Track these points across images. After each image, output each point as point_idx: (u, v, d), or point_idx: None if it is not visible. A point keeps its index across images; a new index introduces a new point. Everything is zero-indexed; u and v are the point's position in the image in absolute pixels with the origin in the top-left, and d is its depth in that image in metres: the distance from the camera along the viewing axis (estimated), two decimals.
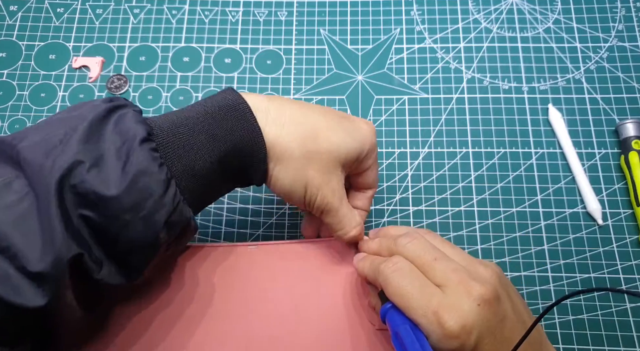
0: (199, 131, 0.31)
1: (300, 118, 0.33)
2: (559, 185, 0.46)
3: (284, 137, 0.33)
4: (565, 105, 0.50)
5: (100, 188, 0.27)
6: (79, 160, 0.27)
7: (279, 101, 0.34)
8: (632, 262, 0.43)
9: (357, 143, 0.34)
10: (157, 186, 0.28)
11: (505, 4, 0.55)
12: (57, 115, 0.31)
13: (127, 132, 0.29)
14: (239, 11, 0.55)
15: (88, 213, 0.27)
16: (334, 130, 0.34)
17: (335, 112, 0.36)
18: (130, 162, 0.28)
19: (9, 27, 0.55)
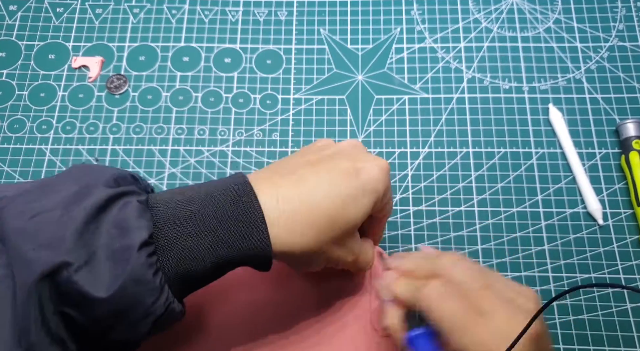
0: (205, 235, 0.28)
1: (310, 216, 0.30)
2: (560, 185, 0.46)
3: (297, 243, 0.30)
4: (566, 105, 0.50)
5: (87, 289, 0.25)
6: (67, 261, 0.25)
7: (288, 201, 0.30)
8: (632, 262, 0.43)
9: (369, 203, 0.32)
10: (149, 294, 0.26)
11: (505, 3, 0.55)
12: (55, 180, 0.28)
13: (127, 229, 0.26)
14: (238, 11, 0.55)
15: (70, 312, 0.25)
16: (347, 207, 0.31)
17: (342, 168, 0.32)
18: (125, 267, 0.25)
19: (8, 27, 0.55)
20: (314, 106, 0.50)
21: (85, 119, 0.50)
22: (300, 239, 0.30)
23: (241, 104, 0.51)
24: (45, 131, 0.50)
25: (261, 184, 0.30)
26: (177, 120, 0.50)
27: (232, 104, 0.51)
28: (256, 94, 0.51)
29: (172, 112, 0.50)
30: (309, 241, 0.30)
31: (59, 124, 0.50)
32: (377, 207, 0.33)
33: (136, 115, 0.50)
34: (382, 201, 0.34)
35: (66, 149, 0.49)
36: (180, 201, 0.29)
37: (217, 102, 0.51)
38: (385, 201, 0.34)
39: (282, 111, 0.50)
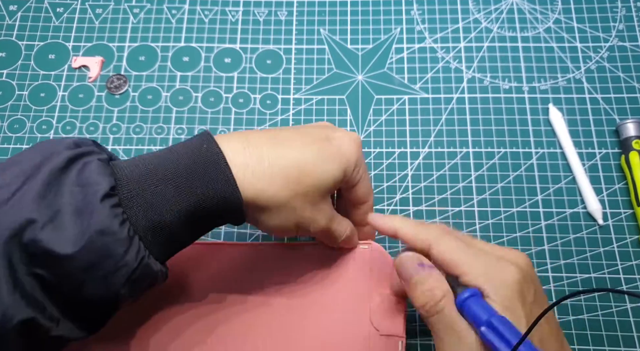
0: (168, 183, 0.29)
1: (280, 161, 0.31)
2: (560, 185, 0.46)
3: (266, 190, 0.30)
4: (566, 105, 0.50)
5: (54, 246, 0.25)
6: (31, 219, 0.25)
7: (256, 146, 0.31)
8: (632, 262, 0.43)
9: (341, 166, 0.33)
10: (118, 245, 0.26)
11: (505, 3, 0.55)
12: (17, 156, 0.29)
13: (88, 185, 0.27)
14: (238, 11, 0.55)
15: (41, 272, 0.26)
16: (316, 162, 0.32)
17: (315, 134, 0.34)
18: (89, 220, 0.26)
19: (8, 27, 0.55)
20: (314, 106, 0.50)
21: (85, 119, 0.50)
22: (268, 186, 0.30)
23: (241, 104, 0.51)
24: (45, 131, 0.50)
25: (230, 135, 0.32)
26: (177, 120, 0.50)
27: (232, 104, 0.51)
28: (256, 94, 0.51)
29: (172, 112, 0.50)
30: (277, 190, 0.30)
31: (59, 124, 0.50)
32: (349, 179, 0.34)
33: (136, 115, 0.50)
34: (355, 172, 0.34)
35: None
36: (142, 158, 0.30)
37: (217, 102, 0.51)
38: (358, 175, 0.35)
39: (282, 111, 0.50)
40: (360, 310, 0.36)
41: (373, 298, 0.37)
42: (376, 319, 0.36)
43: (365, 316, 0.36)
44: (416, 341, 0.41)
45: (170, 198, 0.28)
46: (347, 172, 0.34)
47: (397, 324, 0.36)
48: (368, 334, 0.36)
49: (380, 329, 0.36)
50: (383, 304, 0.36)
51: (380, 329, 0.36)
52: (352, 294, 0.37)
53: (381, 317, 0.36)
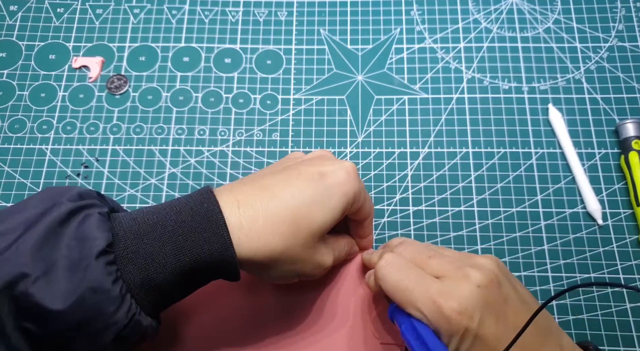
0: (165, 243, 0.28)
1: (273, 217, 0.30)
2: (559, 185, 0.46)
3: (261, 249, 0.30)
4: (565, 105, 0.50)
5: (44, 301, 0.25)
6: (24, 273, 0.25)
7: (248, 204, 0.30)
8: (632, 262, 0.43)
9: (339, 205, 0.32)
10: (109, 303, 0.26)
11: (505, 4, 0.55)
12: (22, 204, 0.29)
13: (85, 239, 0.26)
14: (238, 11, 0.55)
15: (30, 326, 0.25)
16: (312, 210, 0.31)
17: (306, 175, 0.32)
18: (83, 276, 0.26)
19: (9, 27, 0.55)
20: (314, 106, 0.50)
21: (85, 119, 0.50)
22: (263, 243, 0.29)
23: (241, 104, 0.51)
24: (45, 131, 0.50)
25: (222, 192, 0.31)
26: (178, 120, 0.50)
27: (232, 104, 0.51)
28: (256, 94, 0.51)
29: (173, 113, 0.50)
30: (273, 248, 0.30)
31: (59, 124, 0.50)
32: (351, 210, 0.33)
33: (136, 115, 0.50)
34: (355, 204, 0.33)
35: (67, 150, 0.49)
36: (142, 212, 0.30)
37: (217, 102, 0.51)
38: (359, 204, 0.34)
39: (282, 111, 0.50)
40: (361, 319, 0.36)
41: (374, 306, 0.37)
42: (377, 328, 0.36)
43: (365, 325, 0.36)
44: None
45: (166, 258, 0.28)
46: (347, 208, 0.33)
47: (397, 333, 0.36)
48: (368, 342, 0.35)
49: (381, 338, 0.36)
50: (384, 312, 0.36)
51: (380, 338, 0.36)
52: (352, 302, 0.37)
53: (382, 325, 0.36)
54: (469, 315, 0.28)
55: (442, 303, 0.28)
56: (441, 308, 0.28)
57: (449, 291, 0.29)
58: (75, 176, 0.48)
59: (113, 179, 0.48)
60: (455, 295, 0.28)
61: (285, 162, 0.35)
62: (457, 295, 0.28)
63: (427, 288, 0.29)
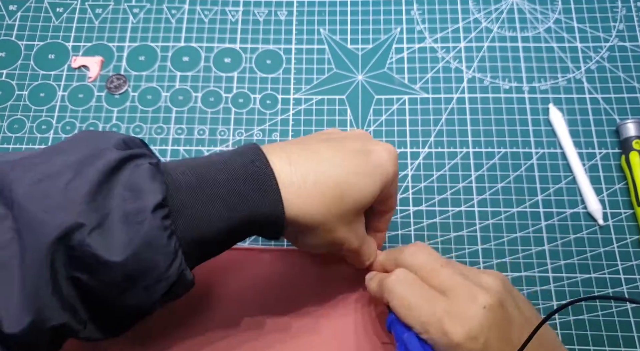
0: (217, 200, 0.28)
1: (322, 180, 0.30)
2: (560, 185, 0.46)
3: (307, 210, 0.30)
4: (566, 105, 0.49)
5: (101, 252, 0.24)
6: (80, 222, 0.24)
7: (300, 164, 0.30)
8: (632, 262, 0.43)
9: (380, 183, 0.32)
10: (164, 258, 0.26)
11: (505, 3, 0.54)
12: (62, 144, 0.28)
13: (140, 191, 0.26)
14: (238, 11, 0.55)
15: (82, 276, 0.25)
16: (357, 180, 0.31)
17: (353, 148, 0.32)
18: (139, 229, 0.25)
19: (8, 27, 0.54)
20: (313, 106, 0.50)
21: (85, 119, 0.50)
22: (310, 206, 0.30)
23: (241, 104, 0.51)
24: (45, 131, 0.50)
25: (274, 150, 0.31)
26: (177, 120, 0.50)
27: (232, 104, 0.51)
28: (256, 94, 0.51)
29: (172, 112, 0.50)
30: (318, 210, 0.30)
31: (58, 124, 0.50)
32: (384, 193, 0.33)
33: (136, 115, 0.50)
34: (390, 188, 0.34)
35: None
36: (191, 166, 0.29)
37: (217, 102, 0.51)
38: (393, 189, 0.34)
39: (282, 111, 0.50)
40: (363, 318, 0.36)
41: (375, 307, 0.37)
42: (378, 328, 0.36)
43: (367, 325, 0.36)
44: None
45: (218, 215, 0.28)
46: (385, 188, 0.33)
47: None
48: (370, 342, 0.35)
49: (382, 337, 0.36)
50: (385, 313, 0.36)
51: (382, 337, 0.36)
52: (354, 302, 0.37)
53: (382, 325, 0.36)
54: (473, 337, 0.28)
55: (447, 325, 0.28)
56: (446, 331, 0.28)
57: (455, 312, 0.29)
58: None
59: None
60: (462, 317, 0.29)
61: (327, 135, 0.34)
62: (464, 318, 0.29)
63: (434, 307, 0.29)
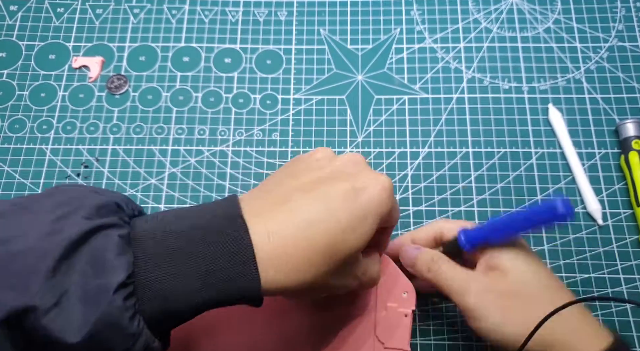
0: (191, 275, 0.26)
1: (308, 246, 0.28)
2: (559, 185, 0.46)
3: (293, 279, 0.28)
4: (566, 105, 0.50)
5: (57, 334, 0.23)
6: (32, 306, 0.23)
7: (279, 234, 0.28)
8: (632, 262, 0.43)
9: (373, 225, 0.30)
10: (124, 340, 0.24)
11: (505, 4, 0.55)
12: (34, 202, 0.26)
13: (103, 268, 0.24)
14: (238, 11, 0.55)
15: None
16: (347, 235, 0.28)
17: (340, 190, 0.29)
18: (98, 309, 0.23)
19: (9, 27, 0.55)
20: (313, 106, 0.50)
21: (85, 119, 0.50)
22: (294, 276, 0.28)
23: (241, 104, 0.51)
24: (45, 131, 0.50)
25: (252, 217, 0.28)
26: (178, 120, 0.50)
27: (232, 104, 0.51)
28: (256, 94, 0.51)
29: (172, 113, 0.50)
30: (304, 277, 0.28)
31: (59, 124, 0.50)
32: (382, 224, 0.31)
33: (136, 115, 0.50)
34: (388, 220, 0.32)
35: (67, 149, 0.49)
36: (166, 232, 0.27)
37: (217, 102, 0.51)
38: (391, 218, 0.32)
39: (282, 111, 0.50)
40: (366, 323, 0.36)
41: (379, 310, 0.37)
42: (381, 332, 0.36)
43: (370, 329, 0.36)
44: (416, 341, 0.41)
45: (190, 291, 0.26)
46: (382, 223, 0.31)
47: (402, 337, 0.35)
48: (373, 347, 0.35)
49: (385, 342, 0.35)
50: (388, 317, 0.36)
51: (385, 342, 0.35)
52: (357, 306, 0.37)
53: (386, 330, 0.36)
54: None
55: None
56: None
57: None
58: (75, 176, 0.48)
59: (113, 179, 0.48)
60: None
61: (314, 172, 0.31)
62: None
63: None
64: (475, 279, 0.34)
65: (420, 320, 0.42)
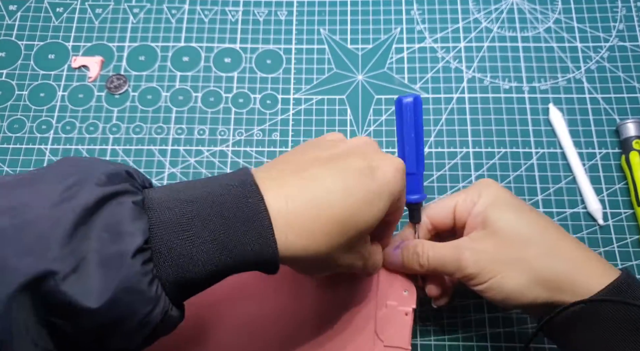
0: (206, 241, 0.26)
1: (324, 214, 0.28)
2: (560, 185, 0.46)
3: (306, 249, 0.28)
4: (566, 105, 0.49)
5: (77, 298, 0.23)
6: (52, 270, 0.22)
7: (297, 200, 0.28)
8: (632, 262, 0.43)
9: (385, 204, 0.30)
10: (144, 304, 0.24)
11: (505, 3, 0.54)
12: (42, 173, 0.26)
13: (119, 234, 0.24)
14: (238, 11, 0.55)
15: (58, 322, 0.23)
16: (361, 208, 0.29)
17: (356, 168, 0.30)
18: (117, 275, 0.23)
19: (8, 27, 0.54)
20: (314, 105, 0.50)
21: (85, 119, 0.50)
22: (309, 243, 0.28)
23: (241, 104, 0.51)
24: (45, 131, 0.50)
25: (268, 183, 0.28)
26: (177, 120, 0.50)
27: (232, 104, 0.51)
28: (256, 94, 0.51)
29: (172, 112, 0.50)
30: (319, 246, 0.28)
31: (58, 124, 0.50)
32: (391, 209, 0.32)
33: (136, 115, 0.50)
34: (397, 204, 0.32)
35: (66, 149, 0.49)
36: (179, 201, 0.27)
37: (217, 102, 0.51)
38: (400, 203, 0.33)
39: (282, 111, 0.50)
40: (366, 321, 0.36)
41: (379, 309, 0.37)
42: (381, 330, 0.36)
43: (370, 327, 0.36)
44: (416, 342, 0.41)
45: (207, 258, 0.26)
46: (392, 206, 0.31)
47: (402, 335, 0.35)
48: (373, 345, 0.35)
49: (386, 340, 0.35)
50: (389, 315, 0.36)
51: (385, 340, 0.35)
52: (358, 304, 0.37)
53: (387, 328, 0.36)
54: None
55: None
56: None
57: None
58: None
59: None
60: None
61: (328, 149, 0.32)
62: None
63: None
64: (465, 247, 0.34)
65: (420, 320, 0.42)
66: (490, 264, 0.33)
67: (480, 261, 0.33)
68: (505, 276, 0.32)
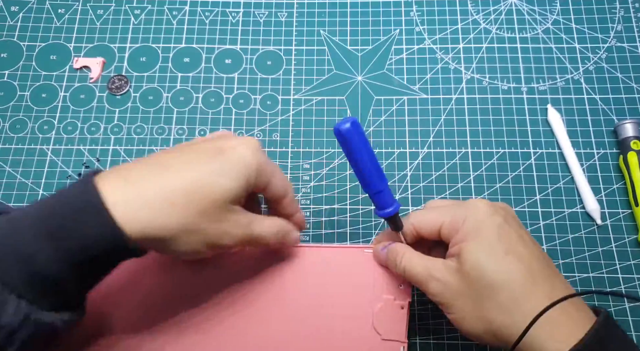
0: (41, 234, 0.27)
1: (165, 187, 0.29)
2: (558, 185, 0.47)
3: (152, 221, 0.29)
4: (564, 105, 0.50)
5: None
6: None
7: (138, 179, 0.29)
8: (630, 262, 0.43)
9: (240, 177, 0.31)
10: None
11: (504, 4, 0.55)
12: None
13: None
14: (239, 12, 0.55)
15: None
16: (209, 179, 0.30)
17: (206, 149, 0.32)
18: None
19: (10, 28, 0.55)
20: (314, 106, 0.51)
21: (86, 119, 0.50)
22: (155, 216, 0.28)
23: (241, 104, 0.51)
24: (46, 132, 0.50)
25: (110, 172, 0.30)
26: (178, 121, 0.50)
27: (233, 105, 0.51)
28: (256, 95, 0.51)
29: (173, 113, 0.51)
30: (170, 219, 0.29)
31: (60, 124, 0.50)
32: (257, 184, 0.33)
33: (137, 116, 0.51)
34: (260, 178, 0.33)
35: (68, 150, 0.49)
36: (23, 209, 0.29)
37: (217, 102, 0.51)
38: (265, 178, 0.33)
39: (282, 112, 0.51)
40: (363, 315, 0.36)
41: (376, 302, 0.37)
42: (378, 323, 0.36)
43: (367, 321, 0.36)
44: (416, 341, 0.41)
45: (46, 248, 0.27)
46: (250, 181, 0.32)
47: (399, 329, 0.36)
48: (370, 338, 0.36)
49: (383, 334, 0.36)
50: (385, 309, 0.36)
51: (382, 334, 0.36)
52: (355, 298, 0.37)
53: (383, 322, 0.36)
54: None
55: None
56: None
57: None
58: (77, 176, 0.48)
59: None
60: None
61: (185, 146, 0.34)
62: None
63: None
64: (434, 275, 0.33)
65: (420, 320, 0.42)
66: (452, 300, 0.32)
67: (444, 294, 0.32)
68: (463, 317, 0.31)
